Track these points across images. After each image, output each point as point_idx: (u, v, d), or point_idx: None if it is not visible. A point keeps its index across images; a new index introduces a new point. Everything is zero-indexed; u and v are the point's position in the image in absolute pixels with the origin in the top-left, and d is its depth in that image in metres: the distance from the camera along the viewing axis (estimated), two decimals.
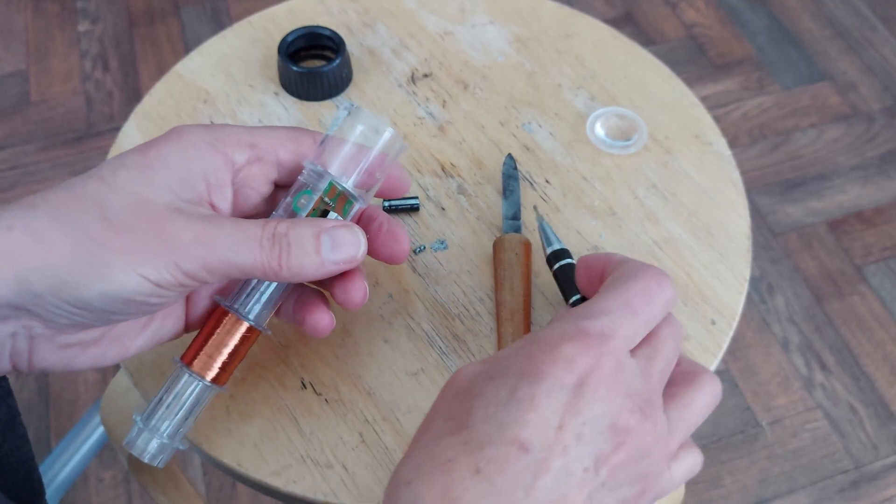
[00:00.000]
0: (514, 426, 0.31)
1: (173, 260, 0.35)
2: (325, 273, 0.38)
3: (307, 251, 0.37)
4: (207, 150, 0.38)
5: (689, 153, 0.58)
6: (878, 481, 1.06)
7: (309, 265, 0.37)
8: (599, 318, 0.33)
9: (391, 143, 0.40)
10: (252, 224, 0.37)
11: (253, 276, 0.37)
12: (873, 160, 1.37)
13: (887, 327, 1.19)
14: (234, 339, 0.40)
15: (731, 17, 1.57)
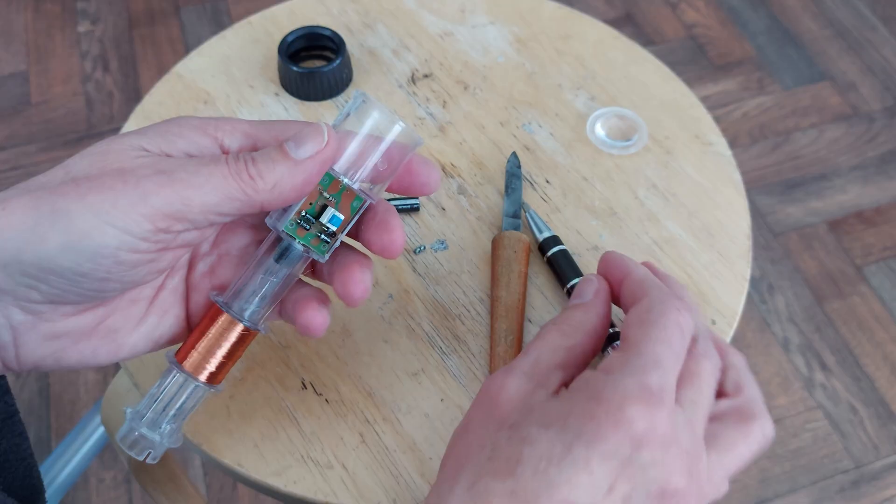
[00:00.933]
0: (565, 487, 0.30)
1: (139, 195, 0.32)
2: (306, 176, 0.35)
3: (274, 158, 0.34)
4: (193, 130, 0.36)
5: (689, 153, 0.58)
6: (879, 481, 1.06)
7: (283, 170, 0.34)
8: (656, 372, 0.32)
9: (402, 136, 0.37)
10: (215, 154, 0.35)
11: (232, 206, 0.34)
12: (873, 160, 1.37)
13: (887, 327, 1.19)
14: (229, 339, 0.38)
15: (731, 17, 1.57)
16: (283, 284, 0.38)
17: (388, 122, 0.37)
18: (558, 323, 0.37)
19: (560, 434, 0.31)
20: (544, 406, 0.33)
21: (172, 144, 0.35)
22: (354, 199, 0.37)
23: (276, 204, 0.35)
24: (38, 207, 0.32)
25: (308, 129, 0.35)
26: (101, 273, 0.33)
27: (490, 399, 0.34)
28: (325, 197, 0.37)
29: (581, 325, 0.37)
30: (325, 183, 0.36)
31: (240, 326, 0.38)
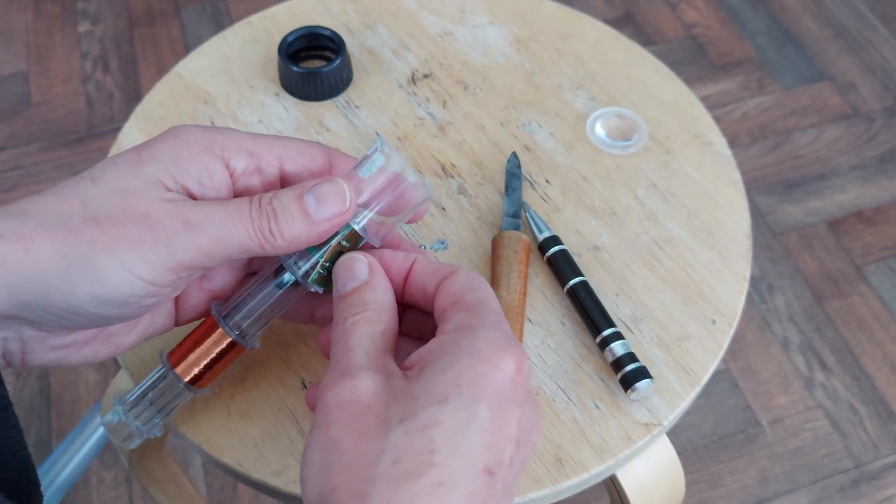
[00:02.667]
0: (482, 453, 0.30)
1: (167, 251, 0.34)
2: (322, 233, 0.36)
3: (294, 214, 0.36)
4: (203, 152, 0.37)
5: (689, 153, 0.58)
6: (879, 480, 1.06)
7: (301, 229, 0.36)
8: (505, 321, 0.35)
9: (418, 189, 0.39)
10: (239, 199, 0.36)
11: (252, 251, 0.36)
12: (873, 160, 1.37)
13: (887, 327, 1.19)
14: (219, 349, 0.40)
15: (731, 17, 1.57)
16: (280, 308, 0.40)
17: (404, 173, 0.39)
18: (356, 313, 0.36)
19: (460, 401, 0.31)
20: (418, 387, 0.32)
21: (186, 173, 0.36)
22: (358, 239, 0.39)
23: (285, 253, 0.37)
24: (66, 255, 0.33)
25: (330, 188, 0.36)
26: (125, 314, 0.36)
27: (349, 409, 0.32)
28: (342, 245, 0.39)
29: (379, 306, 0.36)
30: (343, 232, 0.38)
31: (229, 340, 0.40)
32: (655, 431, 0.46)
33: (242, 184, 0.38)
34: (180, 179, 0.36)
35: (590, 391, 0.48)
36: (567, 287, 0.50)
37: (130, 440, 0.41)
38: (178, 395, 0.41)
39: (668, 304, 0.51)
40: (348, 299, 0.36)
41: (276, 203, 0.36)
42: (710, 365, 0.49)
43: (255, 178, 0.39)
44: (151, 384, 0.40)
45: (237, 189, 0.38)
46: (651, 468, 0.50)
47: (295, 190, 0.36)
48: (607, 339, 0.48)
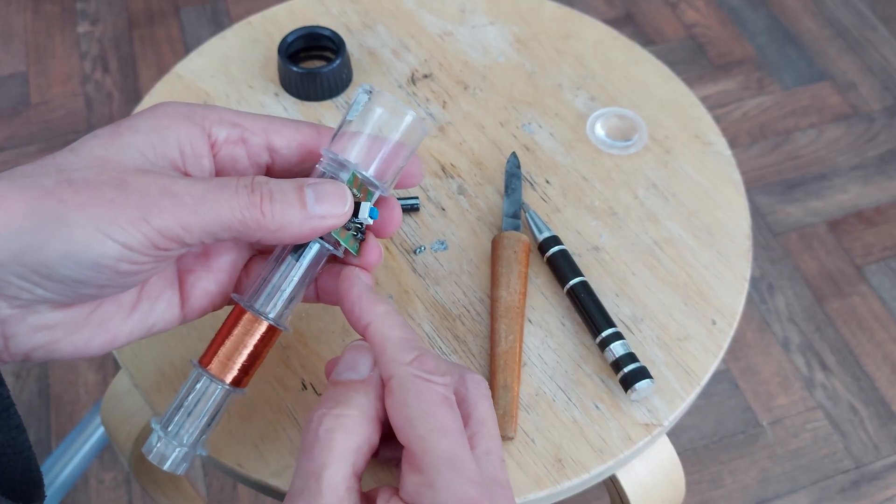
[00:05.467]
0: None
1: (140, 214, 0.32)
2: (311, 229, 0.35)
3: (290, 201, 0.34)
4: (182, 120, 0.36)
5: (689, 153, 0.58)
6: (879, 481, 1.06)
7: (293, 218, 0.34)
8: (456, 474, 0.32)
9: (413, 127, 0.37)
10: (226, 178, 0.35)
11: (234, 229, 0.34)
12: (873, 160, 1.37)
13: (888, 327, 1.19)
14: (254, 339, 0.37)
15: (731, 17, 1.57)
16: (305, 281, 0.38)
17: (400, 114, 0.37)
18: (340, 416, 0.33)
19: None
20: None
21: (165, 142, 0.35)
22: (368, 193, 0.38)
23: (269, 241, 0.35)
24: (37, 212, 0.31)
25: (332, 188, 0.36)
26: (100, 281, 0.33)
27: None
28: (353, 193, 0.37)
29: (365, 413, 0.34)
30: (350, 180, 0.37)
31: (264, 325, 0.37)
32: (655, 432, 0.46)
33: (227, 153, 0.37)
34: (160, 149, 0.35)
35: (590, 391, 0.47)
36: (567, 287, 0.50)
37: (179, 464, 0.37)
38: (219, 401, 0.37)
39: (668, 304, 0.51)
40: (338, 389, 0.35)
41: (273, 186, 0.34)
42: (711, 365, 0.49)
43: (239, 149, 0.37)
44: (186, 393, 0.37)
45: (221, 158, 0.37)
46: (651, 468, 0.50)
47: (295, 181, 0.35)
48: (607, 340, 0.47)
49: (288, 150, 0.38)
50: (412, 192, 0.55)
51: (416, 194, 0.55)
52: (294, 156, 0.38)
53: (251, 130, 0.37)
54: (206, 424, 0.37)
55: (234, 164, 0.37)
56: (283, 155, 0.38)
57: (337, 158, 0.37)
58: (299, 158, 0.38)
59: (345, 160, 0.37)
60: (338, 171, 0.37)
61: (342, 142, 0.37)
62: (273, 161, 0.38)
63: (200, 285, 0.38)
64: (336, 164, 0.37)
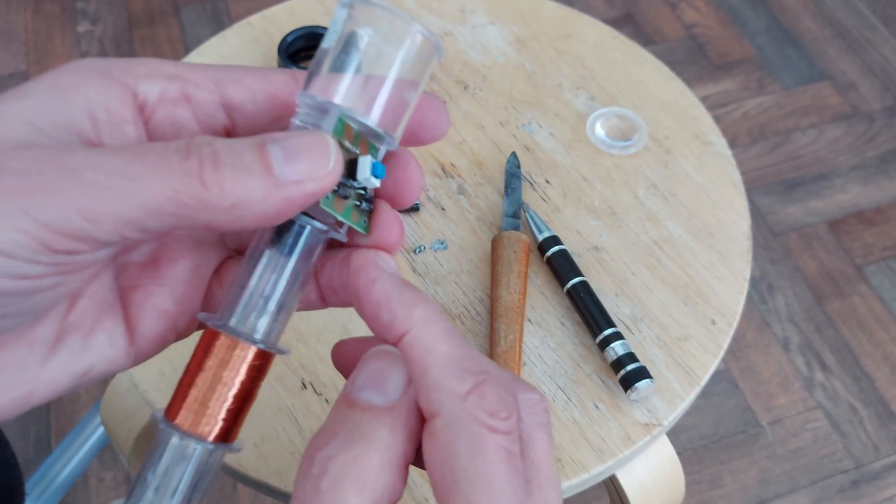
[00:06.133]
0: None
1: (17, 204, 0.22)
2: (284, 202, 0.24)
3: (246, 165, 0.23)
4: (94, 77, 0.26)
5: (689, 153, 0.58)
6: (879, 481, 1.06)
7: (255, 188, 0.23)
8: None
9: (421, 49, 0.26)
10: (151, 143, 0.25)
11: (169, 215, 0.23)
12: (873, 160, 1.37)
13: (887, 327, 1.19)
14: (237, 372, 0.26)
15: (731, 17, 1.57)
16: (298, 281, 0.27)
17: (399, 31, 0.26)
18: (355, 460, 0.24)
19: None
20: None
21: (68, 106, 0.25)
22: (370, 147, 0.27)
23: (226, 227, 0.24)
24: None
25: (308, 139, 0.25)
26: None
27: None
28: (347, 148, 0.26)
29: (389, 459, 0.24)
30: (338, 128, 0.26)
31: (249, 350, 0.26)
32: (655, 432, 0.46)
33: (163, 117, 0.26)
34: (60, 116, 0.25)
35: (590, 391, 0.47)
36: (567, 287, 0.50)
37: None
38: (199, 467, 0.26)
39: (668, 304, 0.51)
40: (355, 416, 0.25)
41: (221, 146, 0.24)
42: (710, 365, 0.49)
43: (182, 109, 0.27)
44: (152, 461, 0.26)
45: (156, 125, 0.26)
46: (651, 468, 0.50)
47: (254, 138, 0.24)
48: (607, 340, 0.47)
49: (253, 105, 0.27)
50: None
51: None
52: (263, 113, 0.28)
53: (197, 83, 0.27)
54: (188, 500, 0.26)
55: (175, 131, 0.27)
56: (247, 113, 0.27)
57: (316, 102, 0.26)
58: (271, 116, 0.28)
59: (327, 102, 0.26)
60: (319, 118, 0.26)
61: (322, 80, 0.26)
62: (234, 123, 0.28)
63: (151, 305, 0.27)
64: (316, 111, 0.26)
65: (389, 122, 0.26)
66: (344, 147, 0.26)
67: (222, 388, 0.26)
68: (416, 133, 0.28)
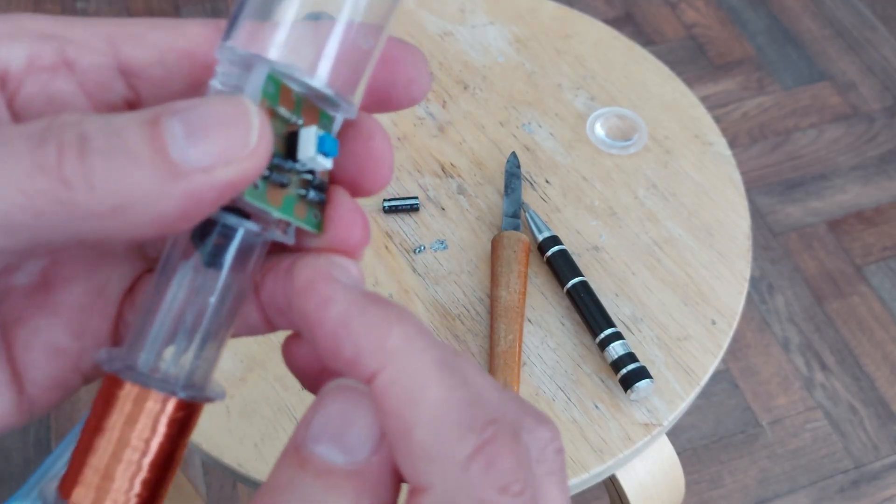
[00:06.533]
0: None
1: None
2: (188, 197, 0.17)
3: (129, 148, 0.17)
4: None
5: (689, 153, 0.58)
6: (879, 481, 1.06)
7: (142, 180, 0.17)
8: None
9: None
10: None
11: (23, 226, 0.17)
12: (873, 160, 1.37)
13: (887, 327, 1.19)
14: (153, 432, 0.19)
15: (731, 17, 1.57)
16: (226, 302, 0.20)
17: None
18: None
19: None
20: None
21: None
22: (321, 115, 0.20)
23: (116, 239, 0.17)
24: None
25: (218, 107, 0.18)
26: None
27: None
28: (282, 116, 0.19)
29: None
30: (268, 90, 0.19)
31: (170, 402, 0.19)
32: (655, 432, 0.46)
33: (35, 90, 0.19)
34: None
35: (589, 391, 0.47)
36: (567, 287, 0.50)
37: None
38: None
39: (667, 304, 0.51)
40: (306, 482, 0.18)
41: (90, 125, 0.17)
42: (710, 365, 0.49)
43: (61, 80, 0.20)
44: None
45: (23, 99, 0.20)
46: (651, 468, 0.50)
47: (144, 111, 0.17)
48: (607, 340, 0.48)
49: (162, 68, 0.20)
50: (411, 192, 0.55)
51: (416, 194, 0.55)
52: (177, 79, 0.21)
53: (81, 43, 0.20)
54: None
55: (54, 109, 0.20)
56: (155, 80, 0.20)
57: (239, 56, 0.19)
58: (188, 82, 0.21)
59: (251, 55, 0.19)
60: (240, 78, 0.19)
61: (248, 27, 0.19)
62: (138, 94, 0.21)
63: (42, 342, 0.21)
64: (240, 68, 0.19)
65: (344, 81, 0.20)
66: (279, 116, 0.19)
67: (132, 455, 0.19)
68: (387, 94, 0.21)
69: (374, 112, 0.22)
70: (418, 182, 0.56)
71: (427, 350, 0.18)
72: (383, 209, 0.54)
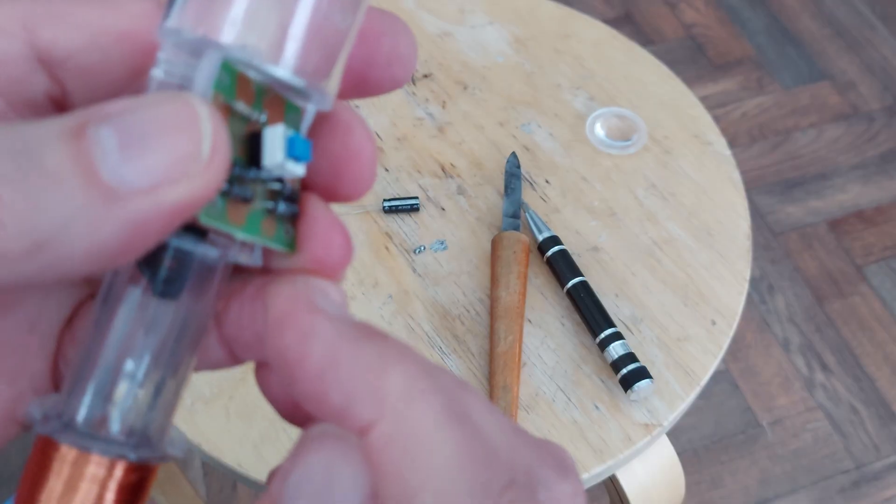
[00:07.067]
0: None
1: None
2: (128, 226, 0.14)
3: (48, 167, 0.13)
4: None
5: (688, 153, 0.58)
6: (879, 481, 1.06)
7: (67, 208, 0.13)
8: None
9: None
10: None
11: None
12: (873, 159, 1.37)
13: (888, 327, 1.19)
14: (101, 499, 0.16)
15: (731, 16, 1.57)
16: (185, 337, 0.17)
17: None
18: None
19: None
20: None
21: None
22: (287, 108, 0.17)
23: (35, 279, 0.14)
24: None
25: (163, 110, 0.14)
26: None
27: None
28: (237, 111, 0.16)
29: None
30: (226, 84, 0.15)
31: (118, 467, 0.16)
32: (655, 432, 0.46)
33: None
34: None
35: (589, 392, 0.47)
36: (567, 287, 0.50)
37: None
38: None
39: (667, 304, 0.51)
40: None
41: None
42: (710, 365, 0.49)
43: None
44: None
45: None
46: (651, 469, 0.50)
47: (66, 116, 0.14)
48: (607, 340, 0.47)
49: (94, 54, 0.16)
50: (411, 192, 0.55)
51: (416, 194, 0.55)
52: (113, 68, 0.17)
53: None
54: None
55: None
56: (84, 69, 0.16)
57: (185, 40, 0.15)
58: (127, 72, 0.17)
59: (200, 39, 0.15)
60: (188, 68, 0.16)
61: (197, 4, 0.15)
62: (63, 88, 0.17)
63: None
64: (188, 54, 0.16)
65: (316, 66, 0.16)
66: (236, 113, 0.15)
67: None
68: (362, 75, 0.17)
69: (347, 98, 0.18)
70: (418, 182, 0.56)
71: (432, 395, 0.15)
72: (383, 209, 0.54)
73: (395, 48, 0.17)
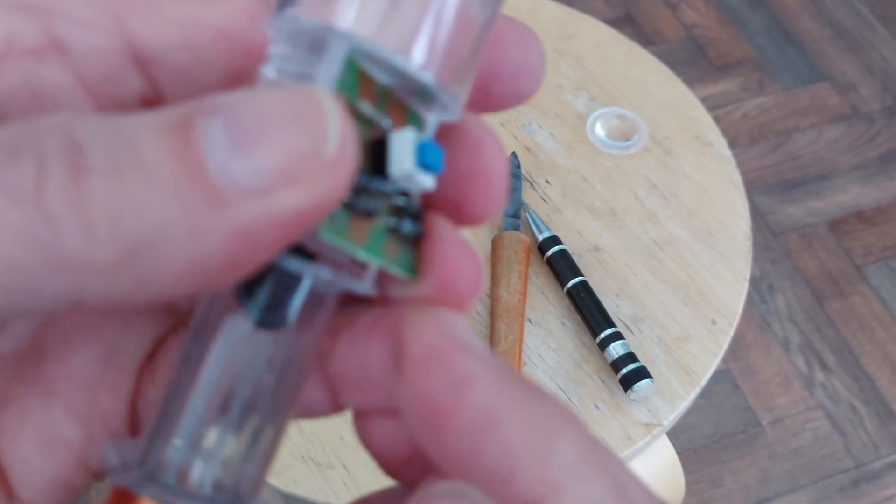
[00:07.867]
0: None
1: None
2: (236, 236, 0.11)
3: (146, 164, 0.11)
4: None
5: (689, 154, 0.58)
6: (879, 480, 1.06)
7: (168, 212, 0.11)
8: None
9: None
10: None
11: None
12: (873, 160, 1.37)
13: (888, 327, 1.19)
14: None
15: (731, 17, 1.57)
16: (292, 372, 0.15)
17: None
18: None
19: None
20: None
21: None
22: (409, 114, 0.14)
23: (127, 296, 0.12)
24: None
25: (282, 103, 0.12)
26: None
27: None
28: (363, 116, 0.14)
29: None
30: (349, 82, 0.13)
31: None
32: (655, 432, 0.46)
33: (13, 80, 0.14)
34: None
35: (590, 391, 0.48)
36: (567, 287, 0.50)
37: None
38: None
39: (668, 304, 0.51)
40: None
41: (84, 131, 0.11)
42: (711, 365, 0.49)
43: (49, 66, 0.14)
44: None
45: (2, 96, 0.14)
46: (651, 468, 0.50)
47: (168, 111, 0.12)
48: (607, 340, 0.48)
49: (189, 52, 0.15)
50: None
51: None
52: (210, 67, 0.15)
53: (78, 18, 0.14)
54: None
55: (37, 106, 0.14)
56: (180, 68, 0.15)
57: (303, 29, 0.13)
58: (226, 72, 0.15)
59: (323, 27, 0.13)
60: (309, 65, 0.14)
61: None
62: (156, 88, 0.15)
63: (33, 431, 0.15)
64: (305, 48, 0.14)
65: (448, 68, 0.14)
66: (360, 115, 0.13)
67: None
68: (486, 88, 0.15)
69: (475, 110, 0.16)
70: None
71: (604, 472, 0.13)
72: None
73: (524, 59, 0.15)
